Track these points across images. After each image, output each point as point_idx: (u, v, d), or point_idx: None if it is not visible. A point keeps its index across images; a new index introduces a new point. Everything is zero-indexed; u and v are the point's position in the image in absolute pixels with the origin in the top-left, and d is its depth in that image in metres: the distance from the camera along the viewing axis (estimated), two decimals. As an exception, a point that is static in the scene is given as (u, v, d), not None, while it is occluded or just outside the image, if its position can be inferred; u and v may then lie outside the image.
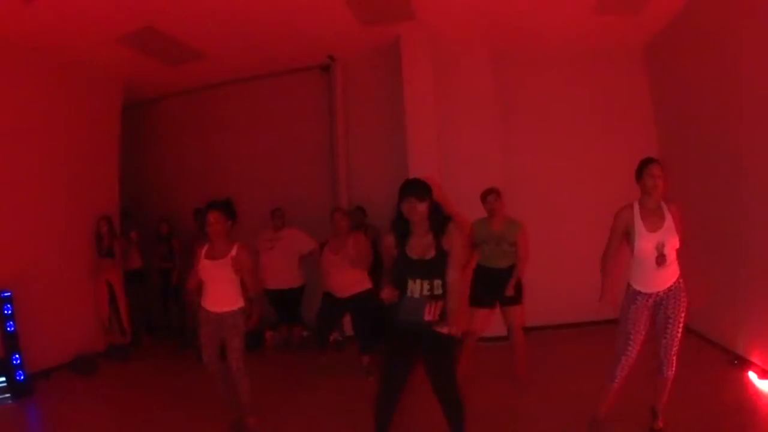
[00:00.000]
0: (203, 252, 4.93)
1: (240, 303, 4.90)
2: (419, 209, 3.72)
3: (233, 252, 4.82)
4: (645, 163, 4.10)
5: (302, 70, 9.03)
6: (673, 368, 4.10)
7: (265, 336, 8.21)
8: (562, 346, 7.20)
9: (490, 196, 5.79)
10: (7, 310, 6.32)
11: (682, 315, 4.08)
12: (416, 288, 3.74)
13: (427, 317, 3.73)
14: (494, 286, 5.81)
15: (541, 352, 6.43)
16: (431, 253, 3.75)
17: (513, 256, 5.81)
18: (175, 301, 8.78)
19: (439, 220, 3.77)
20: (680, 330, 4.08)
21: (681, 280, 4.12)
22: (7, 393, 6.07)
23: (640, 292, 4.13)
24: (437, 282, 3.72)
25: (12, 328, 6.32)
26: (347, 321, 7.28)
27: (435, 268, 3.73)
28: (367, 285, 6.51)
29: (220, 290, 4.85)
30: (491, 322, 6.19)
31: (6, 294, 6.34)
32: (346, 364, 6.92)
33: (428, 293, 3.72)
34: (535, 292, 6.97)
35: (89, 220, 7.86)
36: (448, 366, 3.84)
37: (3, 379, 6.08)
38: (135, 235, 8.78)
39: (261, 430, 4.97)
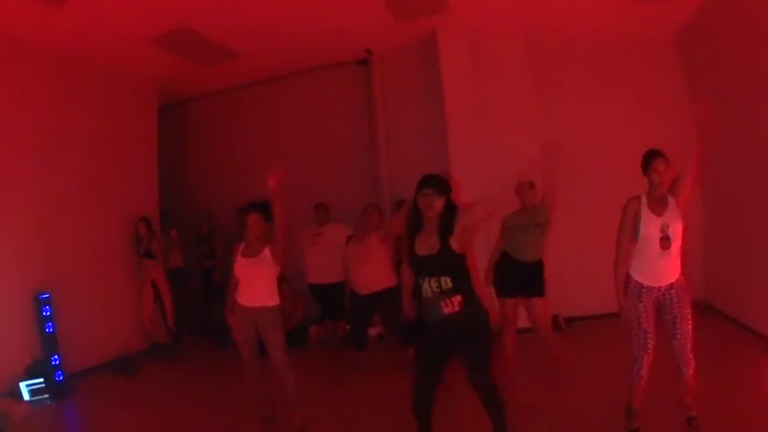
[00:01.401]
0: (239, 250, 4.90)
1: (276, 300, 4.85)
2: (436, 204, 3.65)
3: (266, 252, 4.77)
4: (650, 158, 4.11)
5: (339, 65, 8.97)
6: (692, 365, 4.04)
7: (309, 331, 8.18)
8: (600, 337, 7.04)
9: (524, 188, 5.71)
10: (46, 311, 6.40)
11: (689, 312, 4.03)
12: (427, 287, 3.68)
13: (446, 310, 3.65)
14: (520, 278, 5.70)
15: (585, 343, 6.24)
16: (435, 250, 3.66)
17: (540, 246, 5.71)
18: (218, 300, 8.79)
19: (449, 220, 3.66)
20: (690, 327, 4.02)
21: (682, 279, 4.05)
22: (46, 394, 6.13)
23: (643, 286, 4.07)
24: (444, 279, 3.63)
25: (51, 330, 6.40)
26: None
27: (440, 263, 3.65)
28: (391, 282, 6.40)
29: (256, 287, 4.81)
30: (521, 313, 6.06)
31: (44, 296, 6.42)
32: (389, 360, 6.79)
33: (437, 290, 3.64)
34: (570, 282, 6.95)
35: (129, 221, 7.94)
36: (482, 358, 3.77)
37: (42, 379, 6.14)
38: (175, 234, 8.81)
39: (306, 425, 4.89)
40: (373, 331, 7.74)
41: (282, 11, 6.86)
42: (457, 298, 3.64)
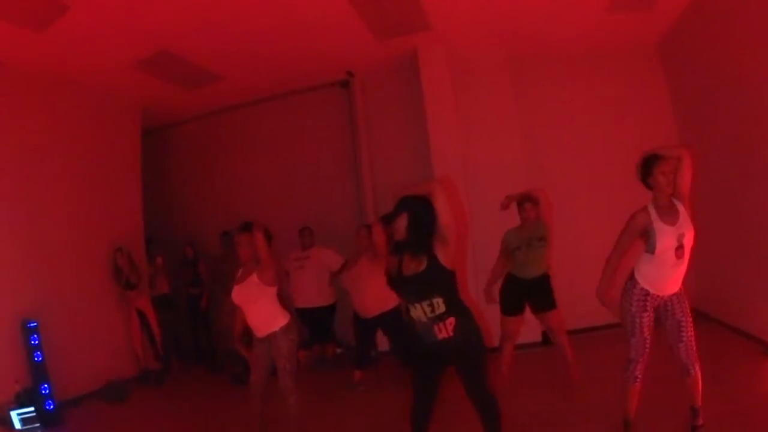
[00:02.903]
0: (237, 276, 4.89)
1: (281, 321, 4.79)
2: (398, 225, 3.65)
3: (253, 276, 4.74)
4: (653, 161, 4.00)
5: (321, 88, 9.00)
6: (698, 366, 4.06)
7: (298, 356, 8.09)
8: (601, 348, 7.01)
9: (527, 203, 5.72)
10: (34, 340, 6.30)
11: (689, 316, 4.06)
12: (419, 313, 3.63)
13: (440, 335, 3.61)
14: (524, 294, 5.76)
15: (582, 355, 6.27)
16: (422, 266, 3.61)
17: (543, 261, 5.75)
18: (204, 325, 8.75)
19: (423, 231, 3.62)
20: (692, 330, 4.04)
21: (682, 286, 4.08)
22: (37, 423, 6.01)
23: (648, 294, 4.04)
24: (437, 300, 3.57)
25: (39, 358, 6.30)
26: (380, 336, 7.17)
27: (429, 281, 3.60)
28: (393, 303, 6.33)
29: (256, 312, 4.77)
30: (522, 329, 6.12)
31: (32, 324, 6.33)
32: (384, 380, 6.81)
33: (432, 314, 3.59)
34: (564, 295, 6.88)
35: (114, 246, 7.85)
36: (480, 373, 3.74)
37: (32, 408, 6.04)
38: (161, 260, 8.75)
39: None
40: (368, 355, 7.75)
41: (262, 33, 6.88)
42: (451, 321, 3.59)
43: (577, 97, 8.12)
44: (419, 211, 3.61)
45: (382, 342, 7.50)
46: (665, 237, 3.91)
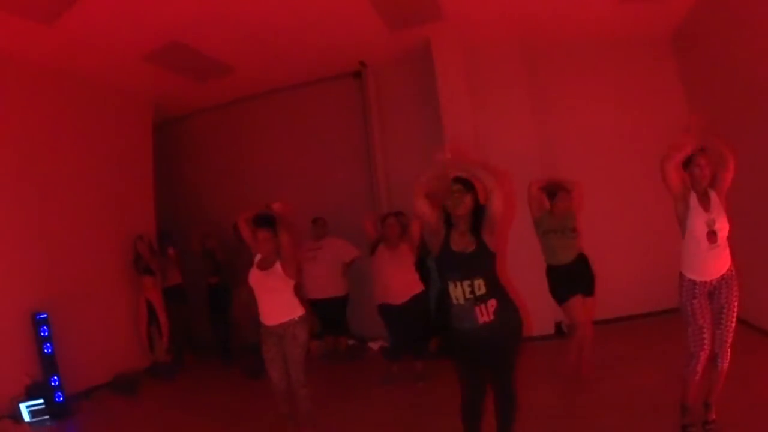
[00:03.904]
0: (256, 261, 4.86)
1: (299, 311, 4.80)
2: (466, 200, 3.62)
3: (277, 266, 4.73)
4: (691, 154, 4.07)
5: (334, 78, 8.95)
6: (728, 360, 4.03)
7: (310, 347, 8.06)
8: (617, 340, 7.00)
9: (561, 193, 5.72)
10: (44, 332, 6.31)
11: (735, 304, 4.04)
12: (458, 292, 3.58)
13: (482, 319, 3.56)
14: (569, 280, 5.71)
15: (599, 347, 6.22)
16: (471, 247, 3.59)
17: (576, 246, 5.76)
18: (223, 317, 8.68)
19: (480, 216, 3.61)
20: (734, 320, 4.04)
21: (733, 270, 4.06)
22: (46, 415, 6.04)
23: (695, 282, 4.07)
24: (478, 282, 3.53)
25: (49, 350, 6.31)
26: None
27: (475, 263, 3.58)
28: (420, 287, 6.46)
29: (274, 300, 4.75)
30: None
31: (42, 316, 6.33)
32: (398, 373, 6.68)
33: (471, 296, 3.54)
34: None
35: (126, 239, 7.89)
36: (510, 363, 3.74)
37: (42, 401, 6.06)
38: (173, 251, 8.73)
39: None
40: (375, 345, 7.68)
41: (275, 24, 6.85)
42: (492, 304, 3.56)
43: (590, 87, 8.07)
44: (479, 198, 3.68)
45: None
46: (696, 219, 4.02)
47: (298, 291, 4.93)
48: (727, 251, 4.04)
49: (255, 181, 9.59)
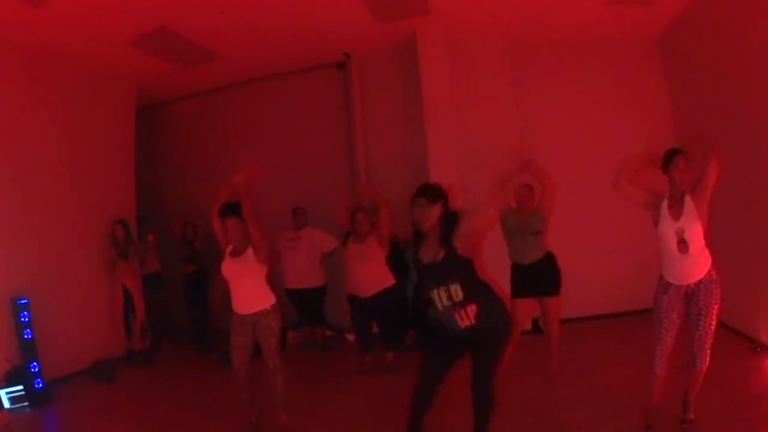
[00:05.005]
0: (228, 251, 4.89)
1: (271, 300, 4.86)
2: (431, 213, 3.61)
3: (249, 251, 4.77)
4: (670, 156, 4.12)
5: (318, 68, 8.94)
6: (706, 362, 4.06)
7: (287, 337, 8.09)
8: (590, 339, 7.14)
9: (523, 191, 5.79)
10: (24, 317, 6.24)
11: (715, 307, 4.04)
12: (437, 299, 3.65)
13: (463, 324, 3.62)
14: (530, 280, 5.76)
15: (571, 345, 6.33)
16: (440, 255, 3.61)
17: (538, 248, 5.77)
18: (200, 305, 8.65)
19: (450, 225, 3.60)
20: (713, 323, 4.04)
21: (713, 273, 4.06)
22: (25, 401, 6.00)
23: (671, 284, 4.12)
24: (454, 287, 3.58)
25: (29, 336, 6.26)
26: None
27: (447, 270, 3.60)
28: (391, 281, 6.52)
29: (248, 287, 4.79)
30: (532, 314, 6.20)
31: (23, 301, 6.27)
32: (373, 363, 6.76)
33: (449, 303, 3.60)
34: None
35: (105, 224, 7.78)
36: (493, 362, 3.78)
37: (21, 387, 6.01)
38: (152, 238, 8.67)
39: (291, 427, 4.90)
40: (351, 336, 7.73)
41: (261, 12, 6.80)
42: (472, 309, 3.59)
43: (574, 87, 8.11)
44: (448, 206, 3.69)
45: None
46: (666, 228, 4.07)
47: (270, 279, 4.97)
48: (705, 256, 4.05)
49: (234, 169, 9.51)
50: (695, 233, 3.99)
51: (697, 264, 4.03)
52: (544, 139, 7.96)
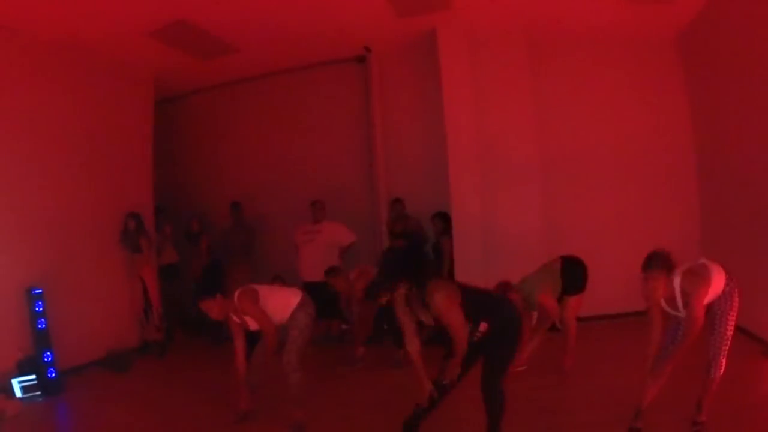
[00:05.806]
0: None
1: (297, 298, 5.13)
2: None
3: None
4: (647, 265, 4.06)
5: (337, 62, 8.90)
6: (721, 370, 4.02)
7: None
8: (603, 338, 7.08)
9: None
10: (38, 307, 6.27)
11: (732, 315, 4.01)
12: None
13: (476, 337, 3.89)
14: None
15: (583, 344, 6.25)
16: (431, 320, 3.94)
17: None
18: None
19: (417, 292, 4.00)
20: (729, 330, 4.01)
21: (732, 285, 4.01)
22: (38, 391, 6.03)
23: None
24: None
25: (43, 326, 6.29)
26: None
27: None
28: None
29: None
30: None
31: (37, 291, 6.30)
32: (382, 359, 6.78)
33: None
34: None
35: (122, 215, 7.79)
36: (502, 364, 3.90)
37: (34, 376, 6.04)
38: (169, 229, 8.73)
39: (305, 422, 4.86)
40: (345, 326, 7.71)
41: (281, 4, 6.79)
42: (484, 326, 3.82)
43: (593, 84, 8.06)
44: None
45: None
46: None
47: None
48: (717, 280, 3.96)
49: (253, 163, 9.56)
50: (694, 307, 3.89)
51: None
52: (562, 135, 7.96)
